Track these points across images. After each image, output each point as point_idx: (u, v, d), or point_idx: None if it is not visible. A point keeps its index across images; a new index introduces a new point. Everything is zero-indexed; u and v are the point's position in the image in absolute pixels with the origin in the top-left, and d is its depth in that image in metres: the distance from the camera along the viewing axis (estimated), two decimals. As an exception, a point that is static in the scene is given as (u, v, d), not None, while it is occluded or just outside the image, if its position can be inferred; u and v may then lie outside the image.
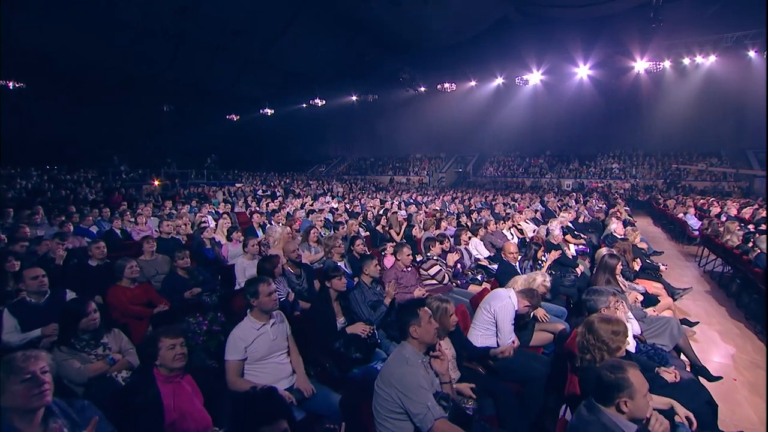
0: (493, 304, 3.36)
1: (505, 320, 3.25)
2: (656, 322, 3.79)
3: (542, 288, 3.62)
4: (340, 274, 3.42)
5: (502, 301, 3.34)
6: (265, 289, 2.77)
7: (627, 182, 24.53)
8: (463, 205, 12.07)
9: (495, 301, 3.36)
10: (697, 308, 6.14)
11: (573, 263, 5.78)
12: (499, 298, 3.38)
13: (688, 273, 8.34)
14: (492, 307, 3.34)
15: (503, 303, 3.33)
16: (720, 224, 8.29)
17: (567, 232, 7.38)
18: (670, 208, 13.63)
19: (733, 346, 4.95)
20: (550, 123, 26.39)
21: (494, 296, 3.43)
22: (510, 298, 3.37)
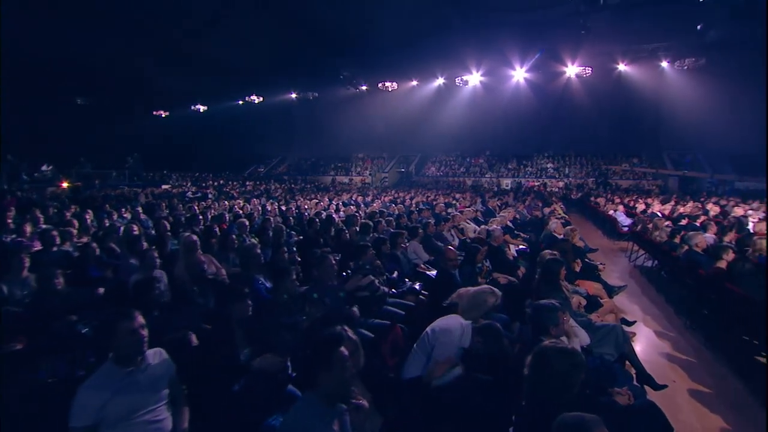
0: (438, 333, 2.85)
1: (442, 356, 2.74)
2: (601, 329, 3.54)
3: (493, 309, 3.18)
4: (244, 297, 2.76)
5: (450, 335, 2.82)
6: (124, 326, 2.07)
7: (561, 181, 25.76)
8: (404, 206, 11.71)
9: (442, 333, 2.85)
10: (631, 305, 6.19)
11: (515, 265, 5.53)
12: (449, 330, 2.85)
13: (620, 268, 8.55)
14: (436, 336, 2.84)
15: (450, 338, 2.81)
16: (648, 221, 8.60)
17: (507, 232, 7.20)
18: (601, 205, 14.26)
19: (668, 343, 4.93)
20: (489, 123, 27.04)
21: (444, 326, 2.90)
22: (463, 334, 2.86)
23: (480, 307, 3.05)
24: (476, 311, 3.07)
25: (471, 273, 4.24)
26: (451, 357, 2.76)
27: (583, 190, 22.55)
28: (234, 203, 12.54)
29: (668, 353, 4.68)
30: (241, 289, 2.84)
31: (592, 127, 25.00)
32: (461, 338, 2.82)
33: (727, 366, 4.39)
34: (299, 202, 13.03)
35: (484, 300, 3.07)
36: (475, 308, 3.05)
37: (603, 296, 4.87)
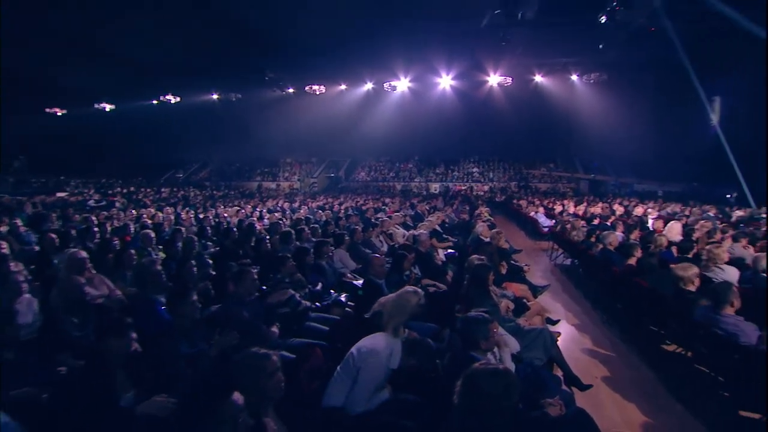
0: (364, 354, 2.54)
1: (367, 381, 2.45)
2: (530, 334, 3.51)
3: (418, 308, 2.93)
4: (124, 330, 2.26)
5: (376, 356, 2.51)
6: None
7: (486, 185, 27.06)
8: (332, 212, 11.36)
9: (369, 354, 2.54)
10: (554, 303, 6.44)
11: (443, 270, 5.45)
12: (375, 351, 2.53)
13: (542, 267, 8.96)
14: (362, 358, 2.52)
15: (376, 359, 2.50)
16: (567, 221, 9.12)
17: (435, 236, 7.17)
18: (523, 207, 15.07)
19: (588, 338, 5.14)
20: (417, 129, 27.55)
21: (371, 346, 2.58)
22: (392, 354, 2.57)
23: (404, 309, 2.80)
24: (400, 315, 2.81)
25: (398, 281, 4.04)
26: (378, 380, 2.49)
27: (507, 193, 23.83)
28: (143, 212, 11.30)
29: (589, 348, 4.86)
30: (121, 320, 2.32)
31: (513, 133, 26.52)
32: (389, 358, 2.56)
33: (639, 356, 4.64)
34: (219, 210, 12.10)
35: (407, 300, 2.83)
36: (399, 312, 2.79)
37: (529, 298, 4.94)
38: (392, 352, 2.57)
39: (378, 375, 2.47)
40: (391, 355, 2.55)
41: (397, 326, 2.74)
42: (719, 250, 5.02)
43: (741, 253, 5.85)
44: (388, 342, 2.62)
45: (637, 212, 11.62)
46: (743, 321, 3.24)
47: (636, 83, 21.51)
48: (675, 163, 20.52)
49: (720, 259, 4.97)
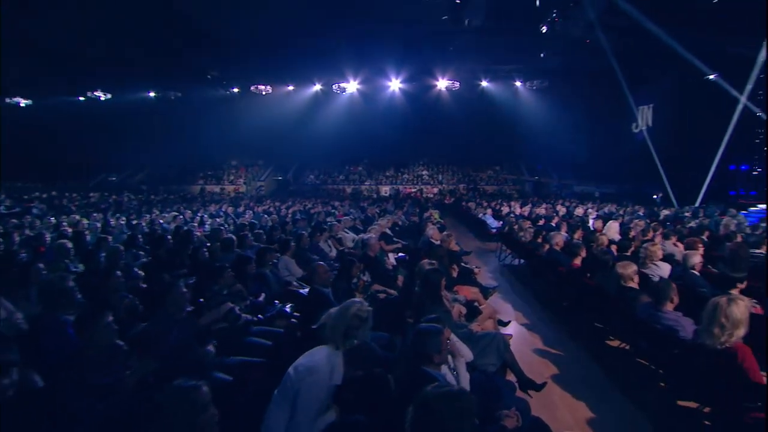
0: (302, 373, 2.27)
1: (308, 403, 2.18)
2: (483, 339, 3.44)
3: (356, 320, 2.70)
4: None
5: (316, 373, 2.25)
6: None
7: (435, 187, 27.49)
8: (279, 216, 10.90)
9: (307, 372, 2.27)
10: (504, 304, 6.51)
11: (393, 275, 5.30)
12: (314, 368, 2.27)
13: (491, 268, 9.10)
14: (300, 377, 2.25)
15: (316, 377, 2.24)
16: (514, 222, 9.36)
17: (385, 240, 7.04)
18: (472, 209, 15.39)
19: (538, 338, 5.20)
20: (367, 131, 27.39)
21: (308, 363, 2.32)
22: (334, 369, 2.33)
23: (345, 318, 2.58)
24: (342, 325, 2.58)
25: (346, 289, 3.83)
26: (321, 401, 2.25)
27: (456, 196, 24.33)
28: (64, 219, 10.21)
29: (540, 348, 4.91)
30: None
31: (461, 136, 27.18)
32: (332, 374, 2.33)
33: (586, 353, 4.76)
34: (154, 216, 11.22)
35: (347, 308, 2.62)
36: (341, 322, 2.57)
37: (481, 301, 4.91)
38: (334, 367, 2.33)
39: (319, 395, 2.23)
40: (333, 371, 2.32)
41: (340, 339, 2.52)
42: (655, 248, 5.27)
43: (671, 250, 6.21)
44: (330, 356, 2.38)
45: (578, 212, 12.20)
46: (682, 316, 3.36)
47: (574, 91, 22.81)
48: (609, 166, 21.97)
49: (656, 256, 5.23)
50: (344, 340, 2.45)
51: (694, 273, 4.92)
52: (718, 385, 2.79)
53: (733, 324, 2.71)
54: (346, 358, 2.42)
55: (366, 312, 2.69)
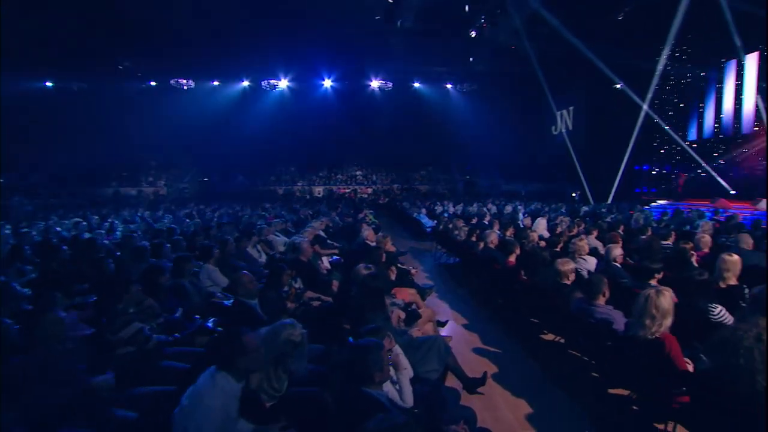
0: (187, 411, 1.89)
1: None
2: (424, 345, 3.28)
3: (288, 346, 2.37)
4: None
5: (209, 412, 1.85)
6: None
7: (369, 188, 27.43)
8: (203, 220, 10.07)
9: (192, 409, 1.89)
10: (441, 303, 6.49)
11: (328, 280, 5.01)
12: (204, 406, 1.86)
13: (427, 268, 9.13)
14: (184, 416, 1.88)
15: (208, 416, 1.85)
16: (449, 221, 9.46)
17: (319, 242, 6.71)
18: (407, 209, 15.49)
19: (476, 336, 5.20)
20: (299, 130, 26.61)
21: (196, 398, 1.91)
22: (224, 393, 1.95)
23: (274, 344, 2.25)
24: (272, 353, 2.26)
25: (276, 299, 3.47)
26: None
27: (390, 196, 24.46)
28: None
29: (479, 347, 4.90)
30: None
31: (394, 136, 27.35)
32: (226, 407, 1.97)
33: (522, 349, 4.83)
34: (51, 223, 9.81)
35: (277, 333, 2.28)
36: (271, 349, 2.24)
37: (419, 303, 4.78)
38: (229, 399, 1.98)
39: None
40: (228, 402, 1.97)
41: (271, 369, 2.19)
42: (582, 243, 5.53)
43: (594, 244, 6.58)
44: (224, 383, 2.00)
45: (507, 210, 12.72)
46: (613, 309, 3.46)
47: (501, 94, 24.05)
48: (534, 166, 23.42)
49: (583, 250, 5.48)
50: (275, 368, 2.13)
51: (616, 265, 5.21)
52: (648, 374, 2.90)
53: (662, 314, 2.81)
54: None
55: (299, 336, 2.38)
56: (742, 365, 2.13)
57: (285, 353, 2.21)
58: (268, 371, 2.14)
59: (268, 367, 2.14)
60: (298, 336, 2.31)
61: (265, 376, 2.13)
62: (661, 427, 3.14)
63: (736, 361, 2.14)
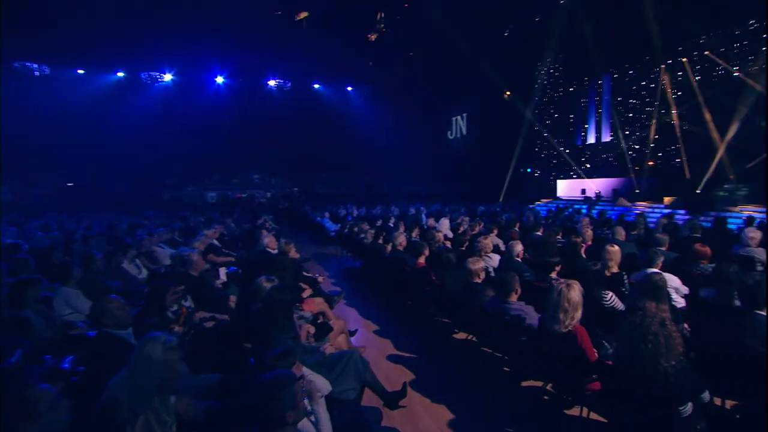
0: None
1: None
2: (339, 362, 2.96)
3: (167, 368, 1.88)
4: None
5: None
6: None
7: (268, 192, 26.15)
8: (64, 232, 8.41)
9: None
10: (350, 310, 6.23)
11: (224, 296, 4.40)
12: None
13: (333, 273, 8.80)
14: None
15: None
16: (353, 224, 9.25)
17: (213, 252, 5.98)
18: (309, 213, 14.96)
19: (389, 342, 5.02)
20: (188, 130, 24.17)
21: None
22: None
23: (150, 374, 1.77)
24: (149, 384, 1.77)
25: (158, 324, 2.84)
26: None
27: (290, 200, 23.58)
28: None
29: (392, 354, 4.71)
30: None
31: (294, 138, 26.48)
32: None
33: (436, 350, 4.78)
34: None
35: (148, 358, 1.81)
36: (147, 381, 1.76)
37: (328, 313, 4.43)
38: None
39: None
40: None
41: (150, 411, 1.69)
42: (487, 241, 5.70)
43: (495, 242, 6.90)
44: None
45: (411, 212, 12.98)
46: (525, 305, 3.52)
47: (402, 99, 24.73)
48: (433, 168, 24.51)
49: (488, 248, 5.65)
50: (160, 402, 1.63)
51: (518, 260, 5.47)
52: (563, 365, 2.97)
53: (574, 307, 2.89)
54: None
55: (174, 350, 1.92)
56: (650, 350, 2.21)
57: (168, 377, 1.73)
58: (150, 410, 1.63)
59: (149, 406, 1.63)
60: (174, 352, 1.83)
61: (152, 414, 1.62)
62: (572, 413, 3.28)
63: (644, 347, 2.23)
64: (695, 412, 2.26)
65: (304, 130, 26.07)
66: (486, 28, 15.38)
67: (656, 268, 4.48)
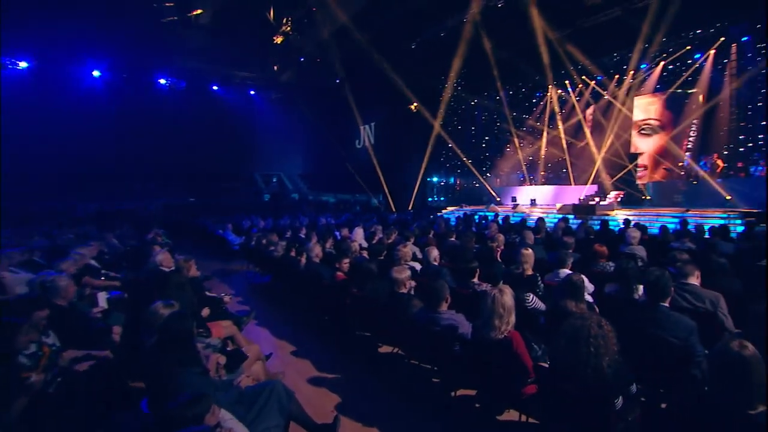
0: None
1: None
2: (259, 396, 2.54)
3: None
4: None
5: None
6: None
7: (159, 201, 23.58)
8: None
9: None
10: (262, 331, 5.71)
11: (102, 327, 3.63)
12: None
13: (240, 291, 8.10)
14: None
15: None
16: (261, 237, 8.63)
17: (90, 274, 5.03)
18: (208, 226, 13.76)
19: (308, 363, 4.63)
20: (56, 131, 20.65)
21: None
22: None
23: None
24: None
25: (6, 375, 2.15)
26: None
27: (186, 211, 21.53)
28: None
29: (315, 377, 4.33)
30: None
31: (190, 144, 24.21)
32: None
33: (361, 368, 4.52)
34: None
35: None
36: None
37: (239, 337, 3.93)
38: None
39: None
40: None
41: None
42: (406, 249, 5.63)
43: (413, 249, 6.90)
44: None
45: (322, 222, 12.61)
46: (455, 313, 3.44)
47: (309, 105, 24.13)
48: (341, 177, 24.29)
49: (408, 256, 5.58)
50: None
51: (436, 266, 5.48)
52: (497, 371, 2.92)
53: (508, 312, 2.88)
54: None
55: None
56: (592, 352, 2.23)
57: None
58: None
59: None
60: None
61: None
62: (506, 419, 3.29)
63: (587, 349, 2.24)
64: (626, 405, 2.33)
65: (202, 135, 23.89)
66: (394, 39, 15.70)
67: (567, 268, 4.78)
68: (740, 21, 13.23)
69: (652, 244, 6.90)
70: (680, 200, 13.21)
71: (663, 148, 15.56)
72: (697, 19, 13.25)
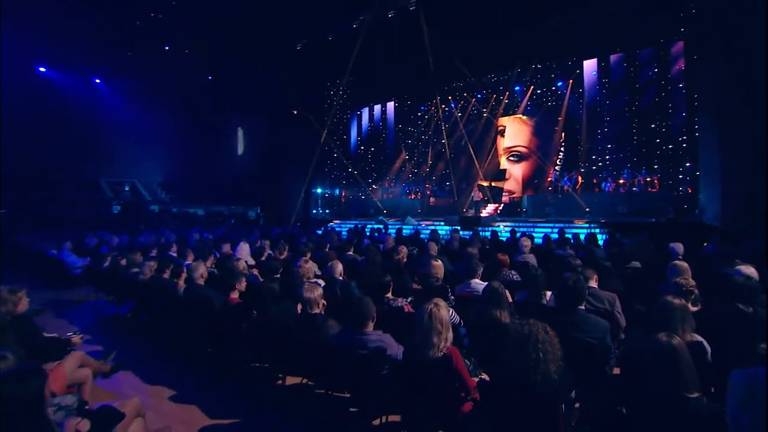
0: None
1: None
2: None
3: None
4: None
5: None
6: None
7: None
8: None
9: None
10: (129, 378, 4.78)
11: None
12: None
13: (88, 325, 6.79)
14: None
15: None
16: (118, 257, 7.41)
17: None
18: (31, 244, 11.50)
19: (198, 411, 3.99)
20: None
21: None
22: None
23: None
24: None
25: None
26: None
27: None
28: None
29: (208, 426, 3.73)
30: None
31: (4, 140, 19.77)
32: None
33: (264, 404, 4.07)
34: None
35: None
36: None
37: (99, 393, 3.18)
38: None
39: None
40: None
41: None
42: (308, 265, 5.34)
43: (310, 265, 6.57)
44: None
45: (195, 236, 11.48)
46: (383, 333, 3.28)
47: (174, 102, 21.74)
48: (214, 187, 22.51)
49: (311, 273, 5.27)
50: None
51: (342, 281, 5.30)
52: (434, 391, 2.82)
53: (446, 328, 2.84)
54: None
55: None
56: (541, 358, 2.28)
57: None
58: None
59: None
60: None
61: None
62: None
63: (536, 356, 2.28)
64: (568, 410, 2.42)
65: (23, 129, 19.73)
66: (277, 36, 15.14)
67: (478, 278, 4.99)
68: (589, 56, 16.04)
69: (537, 252, 7.68)
70: (551, 212, 15.22)
71: (532, 170, 17.94)
72: (557, 52, 15.62)
